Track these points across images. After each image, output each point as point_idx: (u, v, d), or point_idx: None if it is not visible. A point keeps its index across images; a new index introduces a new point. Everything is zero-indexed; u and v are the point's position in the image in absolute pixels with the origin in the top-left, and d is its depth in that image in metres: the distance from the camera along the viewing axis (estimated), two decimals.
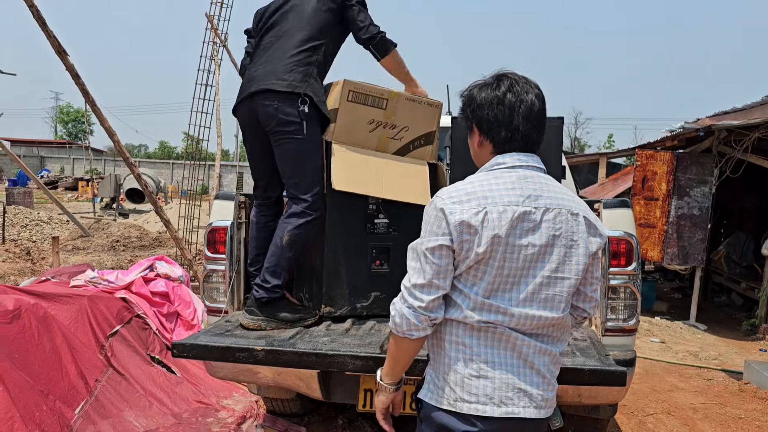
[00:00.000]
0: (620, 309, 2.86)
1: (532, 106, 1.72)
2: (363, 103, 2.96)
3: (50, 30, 6.07)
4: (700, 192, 8.04)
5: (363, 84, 2.95)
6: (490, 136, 1.73)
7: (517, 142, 1.71)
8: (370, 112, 2.96)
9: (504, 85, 1.72)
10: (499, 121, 1.71)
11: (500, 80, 1.74)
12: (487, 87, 1.75)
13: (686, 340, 7.36)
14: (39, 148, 46.60)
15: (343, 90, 2.91)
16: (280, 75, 2.85)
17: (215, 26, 10.29)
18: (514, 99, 1.70)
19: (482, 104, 1.73)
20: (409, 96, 3.02)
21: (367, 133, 2.99)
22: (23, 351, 3.49)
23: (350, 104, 2.93)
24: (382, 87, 2.99)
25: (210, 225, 3.22)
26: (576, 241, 1.67)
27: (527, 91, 1.72)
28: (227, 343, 2.57)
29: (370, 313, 3.05)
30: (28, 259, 8.85)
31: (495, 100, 1.71)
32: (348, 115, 2.94)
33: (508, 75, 1.76)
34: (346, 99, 2.92)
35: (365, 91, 2.94)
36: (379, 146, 3.02)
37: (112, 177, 20.44)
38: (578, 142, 48.07)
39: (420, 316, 1.64)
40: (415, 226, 2.87)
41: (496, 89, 1.73)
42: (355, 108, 2.94)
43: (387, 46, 2.99)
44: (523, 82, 1.74)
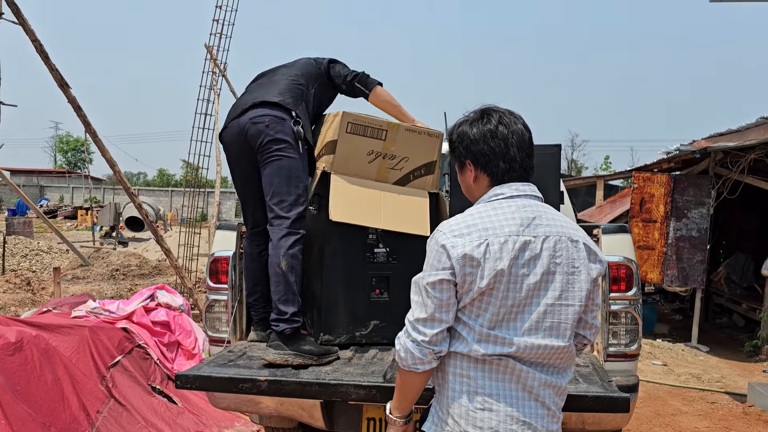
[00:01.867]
0: (622, 334, 2.87)
1: (523, 135, 1.76)
2: (362, 135, 2.98)
3: (53, 63, 6.16)
4: (698, 213, 8.08)
5: (362, 115, 2.99)
6: (487, 170, 1.76)
7: (515, 171, 1.74)
8: (370, 143, 2.99)
9: (494, 119, 1.76)
10: (496, 153, 1.74)
11: (488, 114, 1.78)
12: (477, 122, 1.78)
13: (688, 363, 7.33)
14: (38, 178, 46.71)
15: (342, 121, 2.94)
16: (273, 93, 2.96)
17: (214, 56, 10.43)
18: (506, 131, 1.74)
19: (476, 139, 1.76)
20: (408, 127, 3.05)
21: (366, 164, 3.01)
22: (25, 383, 3.48)
23: (349, 135, 2.96)
24: (381, 118, 3.03)
25: (212, 255, 3.24)
26: (577, 268, 1.69)
27: (515, 122, 1.76)
28: (230, 373, 2.58)
29: (370, 342, 3.05)
30: (28, 289, 8.83)
31: (489, 134, 1.75)
32: (347, 146, 2.96)
33: (494, 109, 1.80)
34: (345, 130, 2.95)
35: (364, 123, 2.97)
36: (379, 176, 3.05)
37: (112, 205, 20.45)
38: (575, 165, 48.28)
39: (424, 350, 1.65)
40: (415, 256, 2.89)
41: (487, 123, 1.76)
42: (354, 139, 2.97)
43: (371, 81, 3.12)
44: (509, 114, 1.78)
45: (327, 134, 3.03)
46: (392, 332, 2.95)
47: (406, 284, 2.94)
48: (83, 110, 6.45)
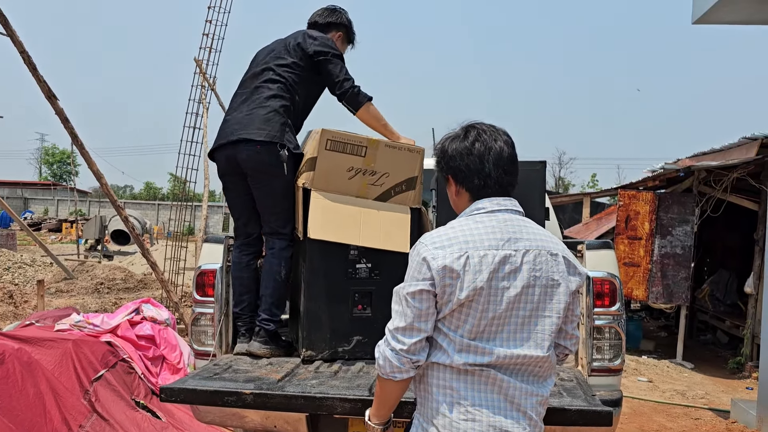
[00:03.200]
0: (605, 349, 2.90)
1: (501, 152, 1.80)
2: (341, 151, 2.99)
3: (41, 75, 6.14)
4: (683, 231, 8.18)
5: (341, 132, 3.01)
6: (465, 185, 1.82)
7: (490, 188, 1.79)
8: (349, 159, 3.00)
9: (471, 136, 1.82)
10: (470, 169, 1.79)
11: (468, 131, 1.84)
12: (456, 139, 1.84)
13: (673, 379, 7.37)
14: (23, 190, 46.30)
15: (321, 139, 2.96)
16: (258, 125, 3.05)
17: (203, 70, 10.46)
18: (482, 148, 1.79)
19: (453, 156, 1.82)
20: (388, 143, 3.07)
21: (346, 180, 3.02)
22: (7, 397, 3.44)
23: (329, 152, 2.98)
24: (360, 135, 3.05)
25: (199, 268, 3.23)
26: (556, 281, 1.72)
27: (495, 139, 1.81)
28: (216, 386, 2.56)
29: (353, 357, 3.05)
30: (10, 302, 8.73)
31: (465, 151, 1.80)
32: (327, 163, 2.97)
33: (476, 125, 1.85)
34: (325, 147, 2.97)
35: (343, 140, 2.99)
36: (360, 193, 3.05)
37: (97, 218, 20.32)
38: (562, 182, 48.65)
39: (402, 358, 1.68)
40: (398, 271, 2.88)
41: (464, 140, 1.82)
42: (333, 156, 2.98)
43: (359, 99, 3.13)
44: (490, 131, 1.83)
45: (308, 151, 3.06)
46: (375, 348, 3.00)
47: (388, 300, 2.95)
48: (70, 122, 6.43)
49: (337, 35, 3.40)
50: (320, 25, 3.39)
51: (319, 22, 3.40)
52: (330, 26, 3.40)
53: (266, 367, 2.92)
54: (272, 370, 2.86)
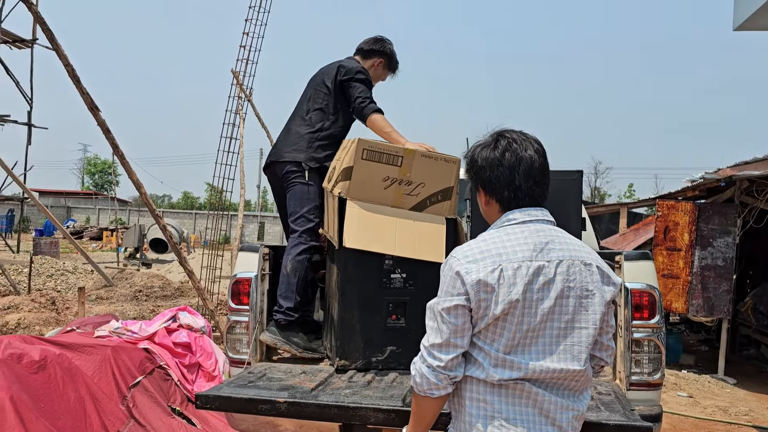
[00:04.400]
0: (645, 363, 2.83)
1: (532, 163, 1.76)
2: (378, 161, 3.00)
3: (84, 87, 6.33)
4: (724, 242, 7.96)
5: (377, 142, 3.03)
6: (494, 196, 1.79)
7: (520, 200, 1.76)
8: (385, 169, 3.01)
9: (501, 145, 1.77)
10: (500, 181, 1.76)
11: (498, 140, 1.79)
12: (487, 147, 1.80)
13: (715, 395, 7.15)
14: (66, 199, 47.64)
15: (358, 149, 2.97)
16: (288, 149, 3.52)
17: (240, 82, 10.63)
18: (512, 158, 1.75)
19: (483, 166, 1.79)
20: (424, 153, 3.05)
21: (382, 190, 3.02)
22: (49, 401, 3.53)
23: (365, 162, 2.99)
24: (397, 145, 3.07)
25: (235, 276, 3.28)
26: (591, 291, 1.69)
27: (526, 148, 1.77)
28: (250, 394, 2.58)
29: (386, 367, 3.03)
30: (53, 308, 8.96)
31: (495, 162, 1.77)
32: (363, 172, 2.98)
33: (506, 134, 1.81)
34: (361, 157, 2.98)
35: (380, 149, 3.00)
36: (395, 202, 3.05)
37: (137, 227, 20.78)
38: (598, 192, 47.89)
39: (440, 375, 1.66)
40: (433, 282, 2.87)
41: (494, 150, 1.78)
42: (369, 166, 3.00)
43: (364, 112, 3.41)
44: (521, 140, 1.78)
45: (344, 160, 3.07)
46: (409, 358, 2.93)
47: (423, 310, 2.92)
48: (112, 133, 6.60)
49: (378, 62, 3.75)
50: (364, 51, 3.76)
51: (364, 48, 3.77)
52: (373, 53, 3.75)
53: (300, 375, 2.94)
54: (306, 378, 2.87)
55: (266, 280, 3.38)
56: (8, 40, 15.83)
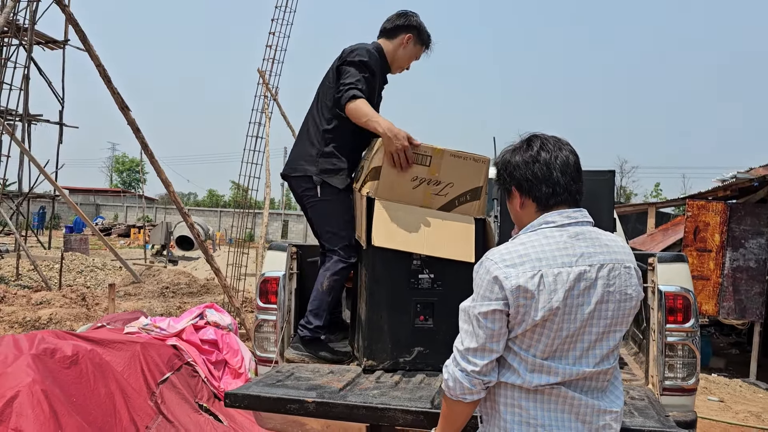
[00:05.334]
0: (678, 367, 2.77)
1: (567, 160, 1.73)
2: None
3: (115, 87, 6.42)
4: (756, 243, 7.79)
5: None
6: (531, 195, 1.74)
7: (559, 195, 1.72)
8: (414, 169, 2.97)
9: (536, 145, 1.75)
10: (538, 178, 1.72)
11: (531, 141, 1.77)
12: (519, 150, 1.78)
13: (747, 400, 7.00)
14: (95, 196, 48.51)
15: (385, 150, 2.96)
16: (297, 161, 3.31)
17: (266, 81, 10.69)
18: (548, 156, 1.73)
19: (518, 165, 1.75)
20: (453, 152, 3.01)
21: (410, 190, 3.00)
22: (80, 395, 3.59)
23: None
24: (426, 144, 3.00)
25: (263, 275, 3.29)
26: (630, 294, 1.66)
27: (560, 148, 1.75)
28: (279, 393, 2.59)
29: (414, 368, 3.02)
30: (83, 304, 9.12)
31: (531, 159, 1.74)
32: (391, 172, 2.96)
33: (538, 135, 1.79)
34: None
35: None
36: (424, 202, 3.03)
37: (164, 224, 21.03)
38: (624, 191, 47.25)
39: (474, 380, 1.63)
40: (461, 282, 2.90)
41: (528, 150, 1.75)
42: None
43: (341, 101, 3.08)
44: (554, 141, 1.77)
45: (372, 160, 3.04)
46: (436, 359, 2.98)
47: (451, 311, 2.91)
48: (141, 132, 6.68)
49: (407, 37, 3.32)
50: (388, 30, 3.35)
51: (387, 27, 3.36)
52: (398, 29, 3.32)
53: (328, 375, 2.94)
54: (334, 378, 2.87)
55: (294, 279, 3.38)
56: (41, 42, 16.14)
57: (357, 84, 3.06)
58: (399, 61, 3.38)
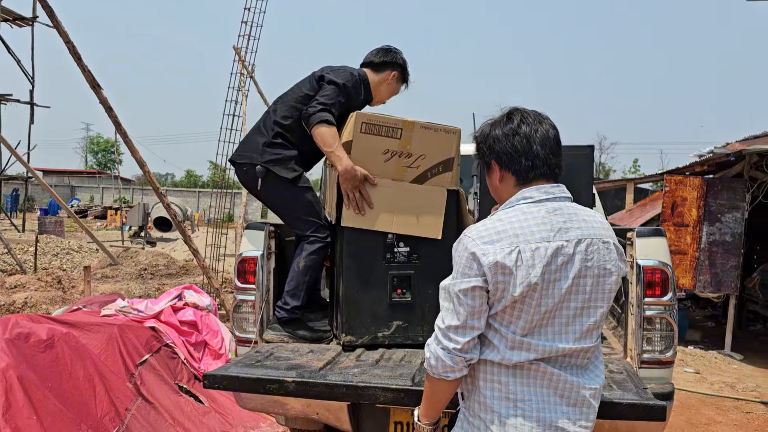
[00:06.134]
0: (656, 340, 2.79)
1: (547, 133, 1.73)
2: (377, 134, 2.98)
3: (85, 65, 6.25)
4: (732, 218, 7.89)
5: (376, 115, 3.01)
6: (511, 168, 1.73)
7: (539, 169, 1.71)
8: (385, 142, 2.99)
9: (516, 118, 1.75)
10: (518, 150, 1.71)
11: (512, 115, 1.77)
12: (499, 123, 1.77)
13: (722, 371, 7.15)
14: (70, 178, 47.68)
15: (356, 122, 2.97)
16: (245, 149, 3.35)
17: (242, 58, 10.51)
18: (528, 129, 1.72)
19: (498, 138, 1.74)
20: (424, 124, 3.01)
21: (382, 163, 3.00)
22: (56, 380, 3.53)
23: (364, 135, 2.97)
24: (395, 117, 3.01)
25: (240, 255, 3.24)
26: (609, 269, 1.65)
27: (540, 122, 1.74)
28: (258, 374, 2.56)
29: (393, 343, 3.03)
30: (59, 287, 8.98)
31: (510, 132, 1.73)
32: (362, 146, 2.98)
33: (518, 109, 1.79)
34: (360, 131, 2.97)
35: (378, 122, 2.98)
36: (396, 175, 3.03)
37: (141, 206, 20.76)
38: (603, 168, 47.68)
39: (456, 357, 1.63)
40: (439, 255, 2.96)
41: (509, 123, 1.75)
42: (369, 139, 2.98)
43: (309, 121, 3.11)
44: (534, 114, 1.76)
45: (343, 135, 3.06)
46: (415, 332, 3.02)
47: (428, 283, 3.00)
48: (114, 111, 6.53)
49: (393, 74, 3.43)
50: (375, 64, 3.42)
51: (374, 61, 3.43)
52: (386, 65, 3.42)
53: (308, 354, 2.92)
54: (314, 357, 2.85)
55: (272, 258, 3.34)
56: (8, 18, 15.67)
57: (331, 107, 3.10)
58: (380, 95, 3.48)
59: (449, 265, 1.72)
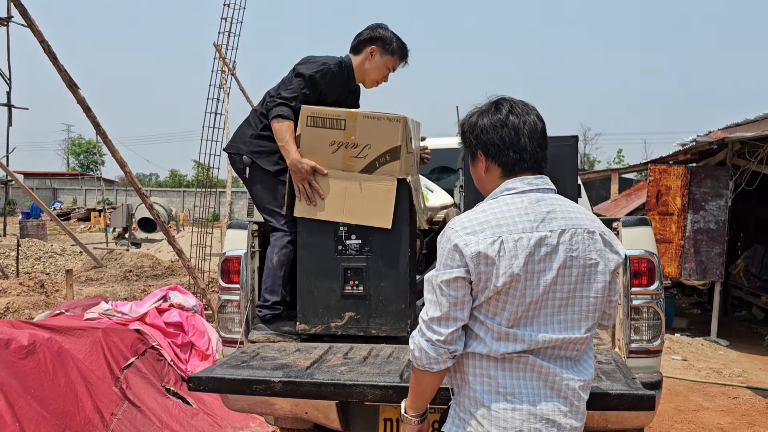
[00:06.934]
0: (644, 330, 2.79)
1: (535, 125, 1.71)
2: (322, 126, 3.07)
3: (61, 64, 6.14)
4: (716, 205, 7.95)
5: (320, 108, 3.11)
6: (497, 160, 1.71)
7: (526, 162, 1.70)
8: (330, 134, 3.07)
9: (504, 108, 1.72)
10: (506, 143, 1.69)
11: (499, 104, 1.74)
12: (487, 113, 1.74)
13: (708, 357, 7.21)
14: (51, 180, 47.12)
15: (302, 116, 3.08)
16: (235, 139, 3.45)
17: (223, 55, 10.41)
18: (517, 120, 1.70)
19: (486, 128, 1.72)
20: (366, 114, 3.05)
21: (330, 155, 3.07)
22: (39, 386, 3.46)
23: (310, 129, 3.08)
24: (339, 109, 3.10)
25: (224, 255, 3.20)
26: (594, 260, 1.64)
27: (528, 113, 1.72)
28: (244, 375, 2.53)
29: (345, 333, 3.09)
30: (42, 291, 8.85)
31: (499, 123, 1.70)
32: (309, 138, 3.09)
33: (506, 99, 1.76)
34: (306, 124, 3.08)
35: (323, 114, 3.07)
36: (345, 166, 3.09)
37: (124, 207, 20.56)
38: (588, 158, 47.97)
39: (439, 349, 1.61)
40: (389, 248, 3.02)
41: (497, 113, 1.72)
42: (315, 132, 3.08)
43: (270, 114, 3.19)
44: (522, 105, 1.74)
45: (297, 129, 3.15)
46: (368, 324, 3.06)
47: (381, 276, 3.03)
48: (93, 111, 6.42)
49: (371, 50, 3.37)
50: (354, 46, 3.42)
51: (353, 43, 3.43)
52: (362, 44, 3.39)
53: (294, 354, 2.89)
54: (300, 356, 2.82)
55: (256, 257, 3.31)
56: None
57: (291, 101, 3.16)
58: (369, 74, 3.42)
59: (401, 259, 1.71)
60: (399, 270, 3.01)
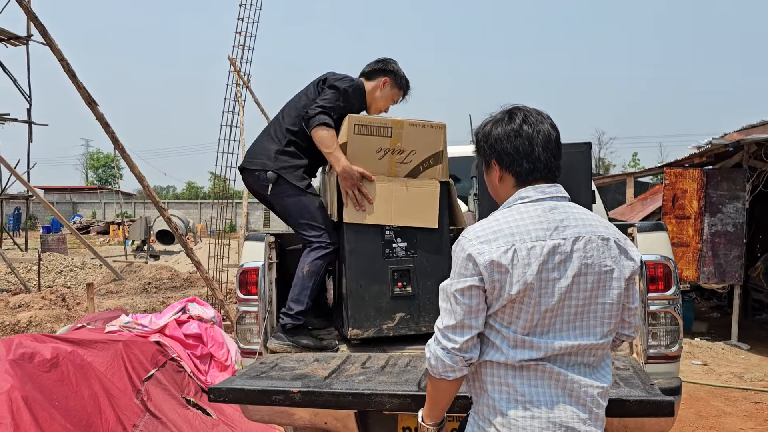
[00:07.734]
0: (662, 335, 2.78)
1: (549, 135, 1.72)
2: (369, 134, 3.18)
3: (80, 82, 6.27)
4: (733, 208, 7.88)
5: (366, 116, 3.27)
6: (511, 170, 1.73)
7: (539, 171, 1.71)
8: (377, 141, 3.18)
9: (518, 118, 1.73)
10: (519, 153, 1.71)
11: (513, 114, 1.75)
12: (501, 122, 1.75)
13: (729, 361, 7.13)
14: (71, 195, 47.74)
15: (349, 124, 3.16)
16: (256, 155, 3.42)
17: (238, 68, 10.53)
18: (531, 130, 1.71)
19: (500, 138, 1.73)
20: (412, 122, 3.20)
21: (376, 161, 3.19)
22: (63, 399, 3.52)
23: (357, 136, 3.17)
24: (386, 117, 3.27)
25: (241, 266, 3.24)
26: (609, 267, 1.64)
27: (541, 122, 1.73)
28: (263, 385, 2.56)
29: (398, 334, 3.16)
30: (63, 305, 8.98)
31: (512, 133, 1.72)
32: (356, 146, 3.17)
33: (520, 108, 1.77)
34: (353, 132, 3.16)
35: (369, 123, 3.19)
36: (390, 172, 3.22)
37: (143, 220, 20.78)
38: (603, 163, 47.65)
39: (455, 357, 1.62)
40: (434, 248, 3.14)
41: (511, 122, 1.73)
42: (362, 139, 3.17)
43: (309, 123, 3.24)
44: (535, 114, 1.75)
45: (340, 137, 3.22)
46: (418, 323, 3.15)
47: (427, 276, 3.13)
48: (111, 126, 6.54)
49: (384, 81, 3.52)
50: (367, 73, 3.55)
51: (366, 70, 3.56)
52: (376, 72, 3.53)
53: (313, 364, 2.91)
54: (319, 366, 2.84)
55: (273, 268, 3.35)
56: (3, 38, 15.72)
57: (330, 110, 3.24)
58: (376, 102, 3.55)
59: (444, 257, 1.74)
60: (444, 268, 3.07)
